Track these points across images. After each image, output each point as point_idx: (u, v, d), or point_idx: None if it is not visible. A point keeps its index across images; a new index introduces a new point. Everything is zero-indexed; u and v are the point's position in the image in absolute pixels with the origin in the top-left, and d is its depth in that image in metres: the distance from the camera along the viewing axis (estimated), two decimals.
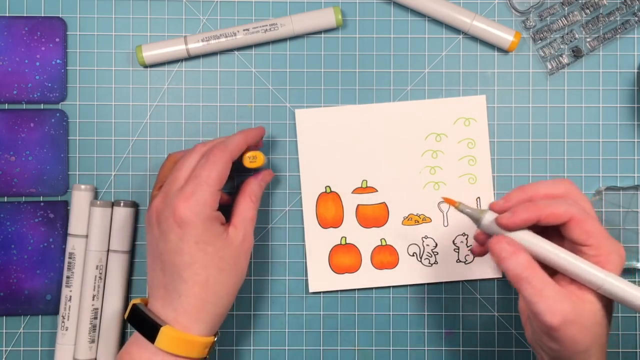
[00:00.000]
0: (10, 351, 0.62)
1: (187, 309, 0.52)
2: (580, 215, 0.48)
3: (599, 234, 0.48)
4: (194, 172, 0.53)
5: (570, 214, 0.48)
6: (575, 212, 0.48)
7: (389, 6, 0.63)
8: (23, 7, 0.62)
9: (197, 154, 0.55)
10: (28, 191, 0.62)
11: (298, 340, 0.63)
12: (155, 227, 0.53)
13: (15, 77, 0.62)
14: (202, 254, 0.52)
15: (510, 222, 0.48)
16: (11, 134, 0.62)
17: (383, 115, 0.62)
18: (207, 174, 0.53)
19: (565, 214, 0.48)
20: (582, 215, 0.48)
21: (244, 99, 0.63)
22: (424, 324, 0.63)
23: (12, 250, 0.61)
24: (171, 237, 0.52)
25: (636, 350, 0.63)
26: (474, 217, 0.50)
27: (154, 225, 0.53)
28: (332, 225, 0.62)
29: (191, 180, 0.53)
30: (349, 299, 0.63)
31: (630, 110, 0.63)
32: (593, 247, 0.48)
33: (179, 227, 0.52)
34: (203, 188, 0.52)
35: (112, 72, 0.62)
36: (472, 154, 0.62)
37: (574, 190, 0.50)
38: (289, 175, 0.63)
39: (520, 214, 0.48)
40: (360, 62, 0.63)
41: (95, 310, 0.60)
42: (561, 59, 0.62)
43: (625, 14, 0.62)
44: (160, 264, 0.53)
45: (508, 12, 0.63)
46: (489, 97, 0.63)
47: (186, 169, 0.54)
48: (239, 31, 0.61)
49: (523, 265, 0.47)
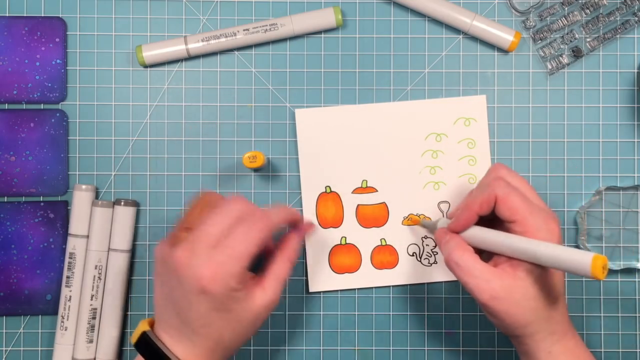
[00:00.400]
0: (10, 351, 0.62)
1: (199, 354, 0.51)
2: (503, 193, 0.51)
3: (524, 209, 0.50)
4: (228, 240, 0.50)
5: (494, 195, 0.51)
6: (499, 191, 0.51)
7: (389, 6, 0.63)
8: (23, 7, 0.62)
9: (235, 210, 0.51)
10: (28, 191, 0.62)
11: (298, 340, 0.63)
12: (174, 276, 0.50)
13: (15, 77, 0.62)
14: (218, 319, 0.51)
15: (455, 226, 0.53)
16: (11, 134, 0.62)
17: (383, 115, 0.62)
18: (241, 248, 0.50)
19: (490, 196, 0.51)
20: (504, 192, 0.51)
21: (244, 99, 0.63)
22: (424, 324, 0.63)
23: (12, 250, 0.61)
24: (190, 297, 0.50)
25: (636, 350, 0.63)
26: (431, 227, 0.59)
27: (172, 273, 0.50)
28: (332, 225, 0.62)
29: (223, 248, 0.50)
30: (349, 299, 0.63)
31: (630, 110, 0.63)
32: (518, 222, 0.50)
33: (200, 293, 0.49)
34: (233, 261, 0.49)
35: (112, 72, 0.62)
36: (472, 154, 0.62)
37: (504, 172, 0.53)
38: (289, 175, 0.63)
39: (459, 217, 0.53)
40: (360, 62, 0.63)
41: (93, 310, 0.60)
42: (561, 59, 0.62)
43: (625, 14, 0.62)
44: (174, 309, 0.51)
45: (508, 12, 0.63)
46: (489, 97, 0.63)
47: (220, 227, 0.50)
48: (239, 31, 0.61)
49: (452, 248, 0.51)
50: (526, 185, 0.53)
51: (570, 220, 0.63)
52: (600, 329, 0.63)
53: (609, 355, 0.63)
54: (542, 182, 0.62)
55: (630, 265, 0.62)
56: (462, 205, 0.54)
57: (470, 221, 0.52)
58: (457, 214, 0.53)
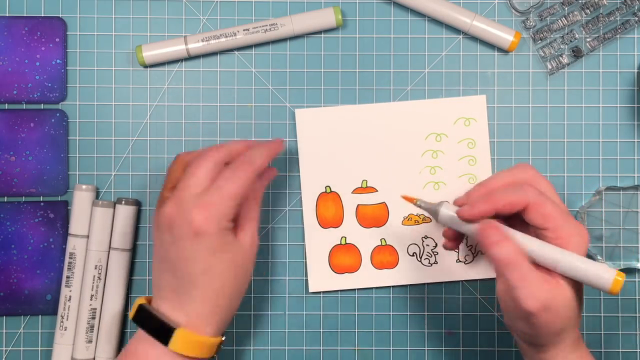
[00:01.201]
0: (10, 351, 0.62)
1: (200, 313, 0.52)
2: (537, 200, 0.49)
3: (557, 216, 0.49)
4: (217, 182, 0.51)
5: (526, 200, 0.49)
6: (532, 197, 0.49)
7: (389, 6, 0.63)
8: (23, 7, 0.62)
9: (211, 161, 0.53)
10: (28, 191, 0.62)
11: (298, 340, 0.63)
12: (167, 232, 0.52)
13: (15, 77, 0.62)
14: (219, 262, 0.51)
15: (469, 214, 0.50)
16: (11, 134, 0.62)
17: (383, 115, 0.62)
18: (231, 187, 0.51)
19: (521, 200, 0.49)
20: (538, 199, 0.49)
21: (244, 99, 0.63)
22: (424, 324, 0.63)
23: (12, 250, 0.62)
24: (185, 245, 0.51)
25: (636, 350, 0.63)
26: (431, 210, 0.53)
27: (165, 230, 0.52)
28: (332, 225, 0.62)
29: (213, 190, 0.51)
30: (349, 299, 0.63)
31: (630, 110, 0.63)
32: (551, 229, 0.49)
33: (195, 236, 0.50)
34: (225, 201, 0.51)
35: (112, 72, 0.62)
36: (472, 154, 0.62)
37: (532, 174, 0.52)
38: (289, 175, 0.63)
39: (478, 206, 0.50)
40: (360, 62, 0.63)
41: (93, 310, 0.60)
42: (561, 59, 0.62)
43: (625, 14, 0.62)
44: (171, 269, 0.52)
45: (508, 12, 0.63)
46: (489, 97, 0.63)
47: (202, 177, 0.52)
48: (239, 31, 0.61)
49: (513, 251, 0.48)
50: (552, 189, 0.52)
51: None
52: (600, 329, 0.63)
53: (609, 355, 0.63)
54: None
55: (630, 265, 0.62)
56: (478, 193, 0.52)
57: (487, 214, 0.50)
58: (473, 202, 0.51)
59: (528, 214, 0.50)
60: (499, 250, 0.48)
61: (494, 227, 0.49)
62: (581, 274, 0.48)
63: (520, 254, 0.48)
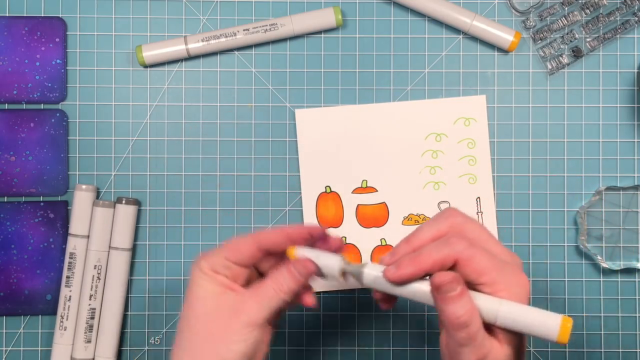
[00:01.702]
0: (10, 351, 0.62)
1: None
2: (466, 254, 0.44)
3: (491, 269, 0.44)
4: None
5: (454, 256, 0.44)
6: (460, 252, 0.44)
7: (389, 6, 0.63)
8: (23, 7, 0.62)
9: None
10: (28, 191, 0.62)
11: (298, 340, 0.63)
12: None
13: (15, 77, 0.62)
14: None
15: (395, 276, 0.45)
16: (11, 134, 0.62)
17: (383, 115, 0.62)
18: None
19: (448, 257, 0.44)
20: (467, 253, 0.44)
21: (244, 99, 0.63)
22: (424, 324, 0.63)
23: (12, 250, 0.62)
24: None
25: (636, 350, 0.63)
26: (354, 273, 0.47)
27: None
28: (332, 225, 0.62)
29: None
30: (349, 298, 0.63)
31: (630, 110, 0.63)
32: (487, 284, 0.44)
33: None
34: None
35: (112, 72, 0.62)
36: (472, 154, 0.62)
37: (460, 220, 0.47)
38: (289, 175, 0.63)
39: (404, 267, 0.45)
40: (360, 62, 0.63)
41: (92, 310, 0.60)
42: (561, 59, 0.62)
43: (625, 14, 0.62)
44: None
45: (508, 12, 0.63)
46: (489, 97, 0.63)
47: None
48: (239, 31, 0.61)
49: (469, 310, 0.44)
50: (485, 233, 0.47)
51: (570, 220, 0.63)
52: (600, 329, 0.63)
53: (609, 355, 0.63)
54: (542, 182, 0.62)
55: (630, 265, 0.62)
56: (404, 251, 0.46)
57: (415, 277, 0.45)
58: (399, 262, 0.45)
59: (459, 269, 0.44)
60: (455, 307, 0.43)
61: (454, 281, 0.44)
62: (521, 325, 0.44)
63: (475, 311, 0.44)
